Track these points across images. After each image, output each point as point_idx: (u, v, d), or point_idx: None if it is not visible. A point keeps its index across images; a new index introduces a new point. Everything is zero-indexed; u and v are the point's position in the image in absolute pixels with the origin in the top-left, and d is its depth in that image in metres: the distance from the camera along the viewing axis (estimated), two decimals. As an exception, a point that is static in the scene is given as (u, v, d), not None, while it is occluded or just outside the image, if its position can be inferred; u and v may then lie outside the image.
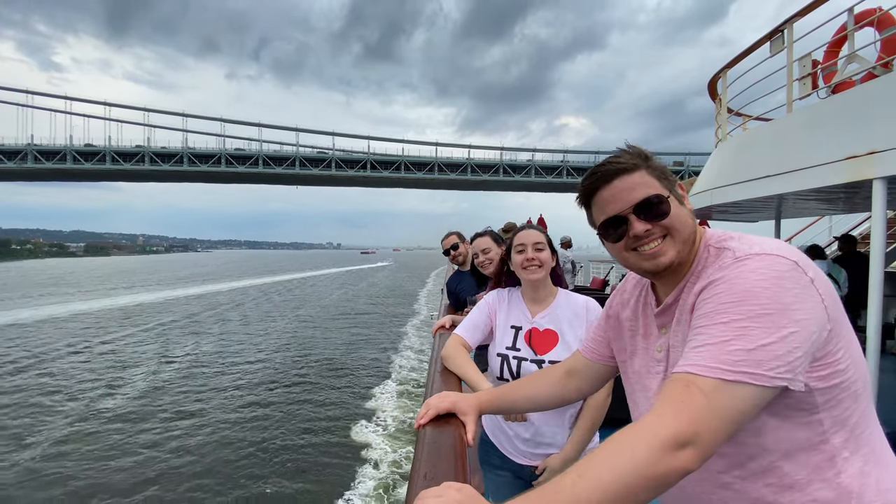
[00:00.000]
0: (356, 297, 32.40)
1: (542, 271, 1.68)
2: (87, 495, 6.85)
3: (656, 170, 0.84)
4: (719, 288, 0.71)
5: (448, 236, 3.09)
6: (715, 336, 0.66)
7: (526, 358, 1.62)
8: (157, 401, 10.65)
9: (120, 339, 17.49)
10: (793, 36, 4.21)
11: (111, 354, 15.08)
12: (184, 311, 24.76)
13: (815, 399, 0.69)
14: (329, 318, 22.56)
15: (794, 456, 0.72)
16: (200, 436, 8.75)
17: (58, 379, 12.42)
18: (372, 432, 8.63)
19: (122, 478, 7.32)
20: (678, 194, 0.86)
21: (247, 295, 32.89)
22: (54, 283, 45.11)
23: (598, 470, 0.61)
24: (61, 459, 7.94)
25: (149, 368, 13.33)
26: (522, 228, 1.74)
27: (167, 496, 6.82)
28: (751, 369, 0.62)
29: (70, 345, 16.34)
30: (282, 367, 13.50)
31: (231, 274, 55.16)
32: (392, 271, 65.37)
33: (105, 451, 8.17)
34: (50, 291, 36.48)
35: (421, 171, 67.60)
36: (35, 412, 10.07)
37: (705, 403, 0.62)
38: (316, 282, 45.58)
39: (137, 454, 8.07)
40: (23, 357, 14.73)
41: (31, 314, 23.47)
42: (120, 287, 39.70)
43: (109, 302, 28.66)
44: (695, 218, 0.86)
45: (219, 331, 19.23)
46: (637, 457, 0.61)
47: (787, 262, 0.68)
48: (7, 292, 35.55)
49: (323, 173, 64.83)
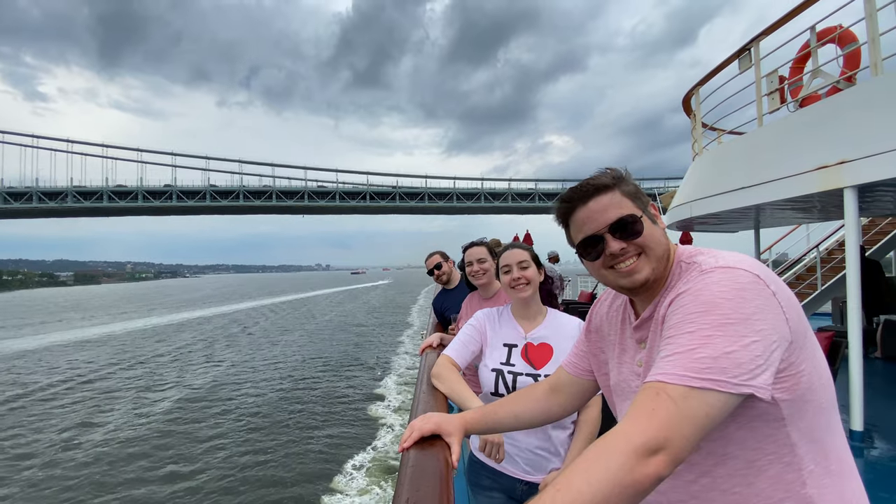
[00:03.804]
0: (353, 313, 33.53)
1: (531, 288, 1.68)
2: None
3: (629, 190, 0.87)
4: (685, 299, 0.74)
5: (431, 256, 3.05)
6: (682, 345, 0.69)
7: (521, 372, 1.61)
8: (189, 407, 11.75)
9: (153, 357, 18.88)
10: (759, 54, 4.40)
11: (152, 369, 16.62)
12: (200, 331, 25.71)
13: (781, 411, 0.71)
14: (336, 330, 23.98)
15: (760, 467, 0.73)
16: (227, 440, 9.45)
17: (112, 390, 13.54)
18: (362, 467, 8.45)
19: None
20: (650, 214, 0.89)
21: (251, 315, 33.74)
22: (72, 308, 47.23)
23: (577, 482, 0.62)
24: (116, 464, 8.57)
25: (182, 380, 14.68)
26: (507, 248, 1.74)
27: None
28: (716, 376, 0.64)
29: (114, 362, 17.83)
30: (290, 382, 14.10)
31: (230, 297, 56.66)
32: (383, 290, 65.91)
33: (154, 445, 8.99)
34: (72, 316, 38.37)
35: (413, 201, 77.12)
36: (94, 412, 11.59)
37: (675, 410, 0.64)
38: (313, 302, 45.85)
39: (167, 460, 8.59)
40: (74, 373, 16.13)
41: (75, 335, 25.85)
42: (132, 312, 40.55)
43: (130, 325, 30.06)
44: (667, 237, 0.90)
45: (236, 346, 20.36)
46: (612, 466, 0.62)
47: (749, 275, 0.71)
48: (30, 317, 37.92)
49: (329, 204, 73.74)
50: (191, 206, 69.03)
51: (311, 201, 73.07)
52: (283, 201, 71.75)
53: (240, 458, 8.58)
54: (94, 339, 24.22)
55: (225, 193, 69.81)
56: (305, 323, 28.57)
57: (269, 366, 16.32)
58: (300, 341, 21.50)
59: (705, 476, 0.77)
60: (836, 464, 0.75)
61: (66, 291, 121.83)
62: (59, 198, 61.66)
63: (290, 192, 72.41)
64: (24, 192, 61.08)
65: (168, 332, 26.01)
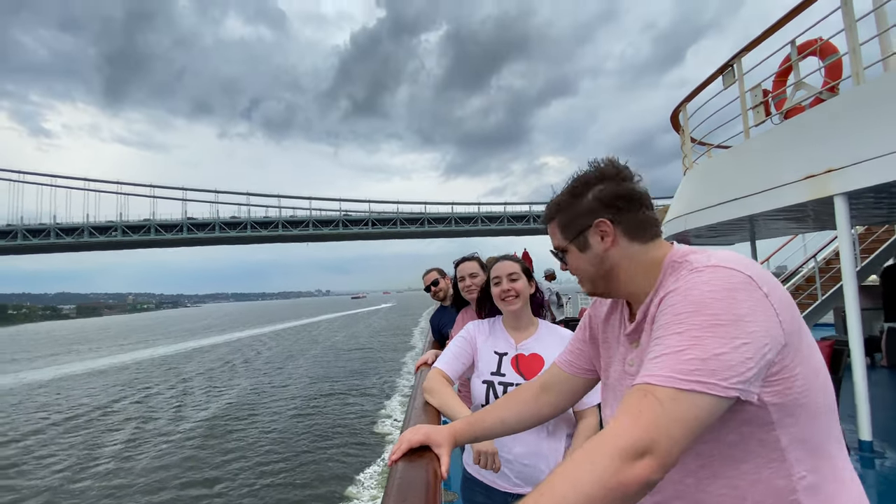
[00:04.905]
0: (356, 337, 33.78)
1: (520, 301, 1.67)
2: None
3: (564, 221, 0.93)
4: (674, 298, 0.72)
5: (428, 272, 3.04)
6: (671, 346, 0.67)
7: (512, 383, 1.59)
8: (206, 428, 12.21)
9: (165, 384, 19.07)
10: (742, 69, 4.52)
11: (165, 395, 16.79)
12: (207, 360, 25.86)
13: (771, 415, 0.69)
14: (340, 353, 24.31)
15: (747, 471, 0.71)
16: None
17: (131, 417, 13.64)
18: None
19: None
20: (582, 242, 0.90)
21: (255, 343, 33.77)
22: (78, 342, 47.84)
23: (561, 487, 0.61)
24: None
25: (198, 405, 15.01)
26: (497, 260, 1.75)
27: None
28: (705, 378, 0.62)
29: (128, 390, 18.10)
30: (301, 401, 14.36)
31: (233, 326, 56.98)
32: (385, 313, 65.82)
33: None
34: (80, 348, 38.91)
35: (413, 226, 79.66)
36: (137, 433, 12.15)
37: (662, 412, 0.62)
38: (316, 327, 45.91)
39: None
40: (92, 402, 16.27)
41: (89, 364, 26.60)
42: (138, 343, 40.74)
43: (139, 355, 30.16)
44: (608, 256, 0.89)
45: (244, 373, 20.51)
46: (596, 469, 0.60)
47: (741, 275, 0.68)
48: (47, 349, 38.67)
49: (333, 232, 76.71)
50: (202, 237, 72.00)
51: (316, 229, 75.75)
52: (288, 230, 74.33)
53: (256, 476, 8.87)
54: (105, 370, 24.36)
55: (233, 225, 72.07)
56: (310, 348, 28.43)
57: (278, 389, 16.39)
58: (306, 365, 21.47)
59: (690, 476, 0.75)
60: (831, 471, 0.72)
61: (70, 324, 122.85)
62: (76, 233, 64.04)
63: (295, 222, 74.97)
64: (42, 229, 63.48)
65: (176, 361, 26.09)
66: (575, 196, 0.91)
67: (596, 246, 0.89)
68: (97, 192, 69.15)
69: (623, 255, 0.88)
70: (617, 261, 0.88)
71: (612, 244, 0.88)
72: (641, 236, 0.87)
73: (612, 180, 0.89)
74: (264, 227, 73.59)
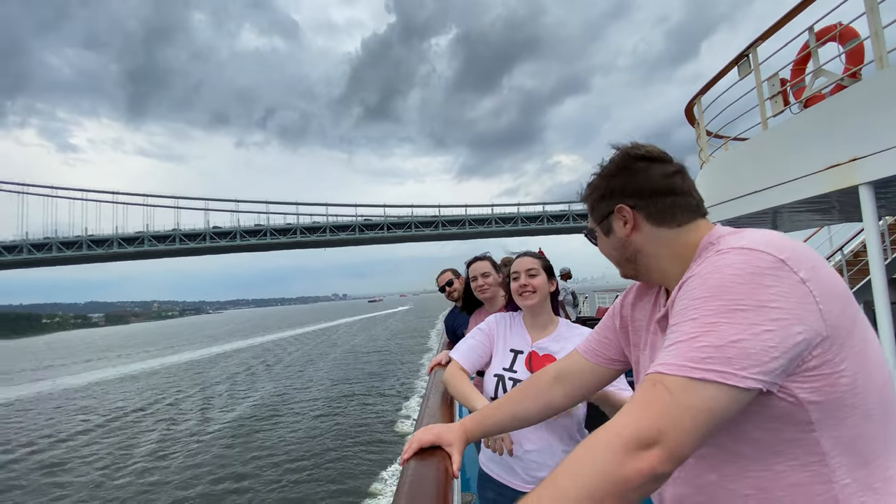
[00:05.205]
0: (375, 339, 34.25)
1: (537, 296, 1.64)
2: None
3: (591, 204, 0.93)
4: (693, 283, 0.67)
5: (443, 273, 3.05)
6: (684, 333, 0.62)
7: (522, 380, 1.54)
8: (235, 428, 12.72)
9: (195, 387, 19.81)
10: (758, 59, 4.39)
11: (195, 398, 17.39)
12: (232, 363, 26.66)
13: (809, 414, 0.62)
14: (359, 356, 24.80)
15: (779, 472, 0.65)
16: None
17: (161, 419, 14.14)
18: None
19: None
20: (606, 226, 0.91)
21: (276, 347, 34.43)
22: (108, 348, 50.09)
23: (563, 480, 0.59)
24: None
25: (225, 406, 15.52)
26: (518, 256, 1.73)
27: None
28: (719, 367, 0.57)
29: (159, 394, 18.72)
30: (323, 402, 14.72)
31: (254, 331, 58.32)
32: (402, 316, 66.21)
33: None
34: (110, 355, 40.70)
35: (428, 229, 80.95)
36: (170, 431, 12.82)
37: (670, 402, 0.58)
38: (335, 331, 46.47)
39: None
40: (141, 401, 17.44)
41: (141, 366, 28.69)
42: (165, 349, 42.18)
43: (167, 360, 31.35)
44: (631, 242, 0.87)
45: (267, 376, 21.04)
46: (599, 461, 0.58)
47: (771, 258, 0.62)
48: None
49: (350, 237, 78.90)
50: (224, 245, 74.39)
51: (333, 235, 77.43)
52: (306, 236, 76.07)
53: (282, 473, 9.13)
54: (136, 375, 25.29)
55: (253, 232, 74.09)
56: (329, 352, 28.76)
57: (300, 391, 16.72)
58: (326, 368, 21.77)
59: (713, 472, 0.71)
60: (881, 482, 0.63)
61: (99, 332, 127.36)
62: (106, 244, 67.14)
63: (312, 228, 76.87)
64: (75, 241, 66.73)
65: (202, 366, 26.78)
66: (601, 180, 0.90)
67: (619, 231, 0.87)
68: (125, 204, 72.53)
69: (648, 240, 0.85)
70: (640, 246, 0.86)
71: (633, 230, 0.86)
72: (670, 221, 0.82)
73: (636, 165, 0.85)
74: (283, 233, 75.42)
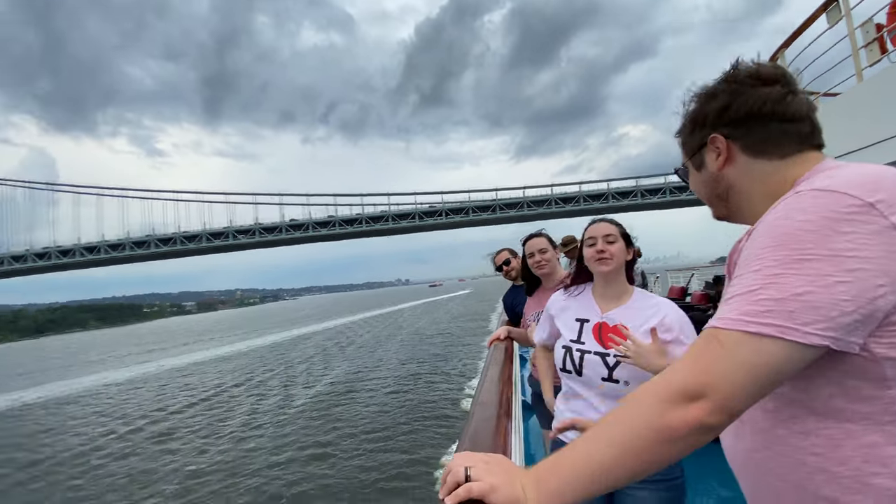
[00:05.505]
0: (437, 322, 35.53)
1: (614, 263, 1.57)
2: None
3: (683, 137, 0.86)
4: (759, 231, 0.62)
5: (500, 252, 3.05)
6: (744, 286, 0.59)
7: (590, 350, 1.55)
8: (319, 402, 13.92)
9: (281, 365, 21.87)
10: (849, 3, 4.01)
11: (281, 376, 19.28)
12: (313, 343, 29.66)
13: (885, 370, 0.57)
14: (424, 338, 26.02)
15: (851, 431, 0.60)
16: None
17: (253, 394, 15.72)
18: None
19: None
20: (698, 160, 0.83)
21: (349, 330, 36.98)
22: (200, 333, 56.56)
23: (610, 425, 0.61)
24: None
25: (307, 382, 17.13)
26: (593, 222, 1.66)
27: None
28: (779, 321, 0.54)
29: (249, 373, 20.52)
30: (393, 380, 15.64)
31: (328, 315, 62.54)
32: (462, 299, 67.44)
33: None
34: (203, 339, 46.37)
35: (485, 213, 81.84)
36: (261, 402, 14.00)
37: (723, 356, 0.56)
38: (400, 315, 48.90)
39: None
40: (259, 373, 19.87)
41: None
42: (252, 333, 46.53)
43: (254, 343, 34.77)
44: (722, 176, 0.80)
45: (342, 356, 22.93)
46: (644, 409, 0.59)
47: (855, 202, 0.55)
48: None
49: (410, 224, 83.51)
50: (298, 237, 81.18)
51: (395, 223, 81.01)
52: (371, 226, 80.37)
53: (360, 442, 9.96)
54: (228, 356, 28.44)
55: (324, 224, 79.55)
56: (396, 334, 30.13)
57: (372, 370, 17.88)
58: (394, 349, 23.01)
59: (780, 427, 0.67)
60: None
61: (192, 318, 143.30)
62: (196, 239, 76.41)
63: (376, 218, 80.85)
64: (170, 238, 77.93)
65: (284, 347, 29.36)
66: (695, 109, 0.81)
67: (710, 164, 0.80)
68: (210, 202, 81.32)
69: (741, 175, 0.77)
70: (733, 181, 0.78)
71: (726, 162, 0.78)
72: (771, 152, 0.74)
73: (736, 87, 0.75)
74: (350, 224, 79.85)
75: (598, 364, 1.51)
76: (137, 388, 20.53)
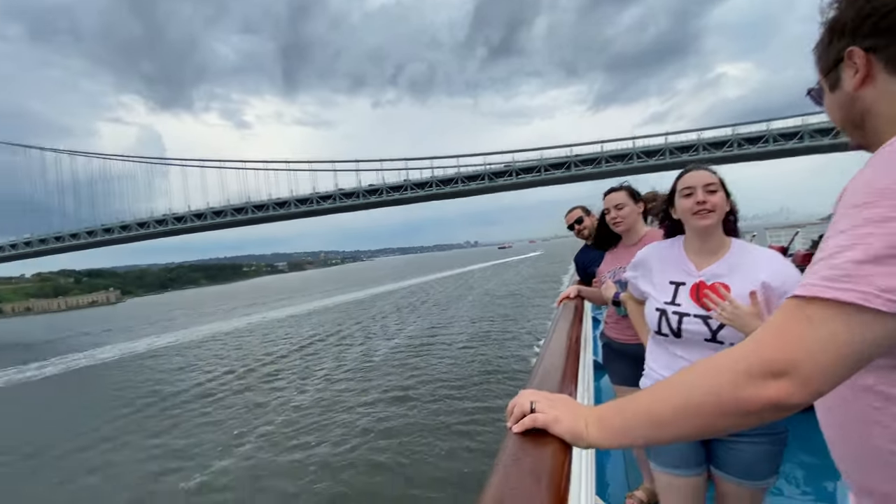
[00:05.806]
0: (507, 283, 36.36)
1: (715, 216, 1.42)
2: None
3: (819, 52, 0.72)
4: (850, 186, 0.55)
5: (572, 210, 2.95)
6: (830, 248, 0.53)
7: (689, 313, 1.42)
8: (398, 353, 15.31)
9: (365, 320, 24.11)
10: None
11: (367, 328, 21.54)
12: (391, 301, 32.50)
13: None
14: (494, 299, 26.93)
15: None
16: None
17: (340, 344, 17.04)
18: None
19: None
20: (833, 78, 0.70)
21: (422, 289, 39.79)
22: (292, 291, 64.36)
23: (677, 384, 0.59)
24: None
25: (387, 335, 19.09)
26: (689, 170, 1.49)
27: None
28: (866, 287, 0.48)
29: (338, 325, 22.89)
30: (465, 337, 16.60)
31: (404, 275, 67.86)
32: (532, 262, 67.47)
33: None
34: (296, 295, 53.37)
35: (558, 171, 77.44)
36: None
37: (808, 329, 0.51)
38: (470, 276, 51.55)
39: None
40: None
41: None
42: (335, 290, 52.54)
43: (339, 299, 39.16)
44: (860, 97, 0.66)
45: (418, 312, 25.05)
46: (717, 378, 0.56)
47: None
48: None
49: (479, 186, 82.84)
50: (374, 201, 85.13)
51: (464, 185, 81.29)
52: (441, 188, 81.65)
53: (437, 388, 10.92)
54: (319, 310, 32.12)
55: (397, 188, 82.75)
56: (466, 294, 31.33)
57: (445, 327, 19.07)
58: (465, 308, 24.15)
59: (881, 398, 0.60)
60: None
61: (285, 277, 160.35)
62: (285, 206, 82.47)
63: (446, 180, 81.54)
64: (263, 204, 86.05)
65: (366, 304, 32.32)
66: (834, 17, 0.67)
67: (846, 83, 0.67)
68: (295, 171, 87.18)
69: (881, 97, 0.64)
70: (870, 104, 0.65)
71: (863, 82, 0.65)
72: None
73: None
74: (421, 187, 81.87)
75: (699, 325, 1.41)
76: (248, 336, 23.91)
